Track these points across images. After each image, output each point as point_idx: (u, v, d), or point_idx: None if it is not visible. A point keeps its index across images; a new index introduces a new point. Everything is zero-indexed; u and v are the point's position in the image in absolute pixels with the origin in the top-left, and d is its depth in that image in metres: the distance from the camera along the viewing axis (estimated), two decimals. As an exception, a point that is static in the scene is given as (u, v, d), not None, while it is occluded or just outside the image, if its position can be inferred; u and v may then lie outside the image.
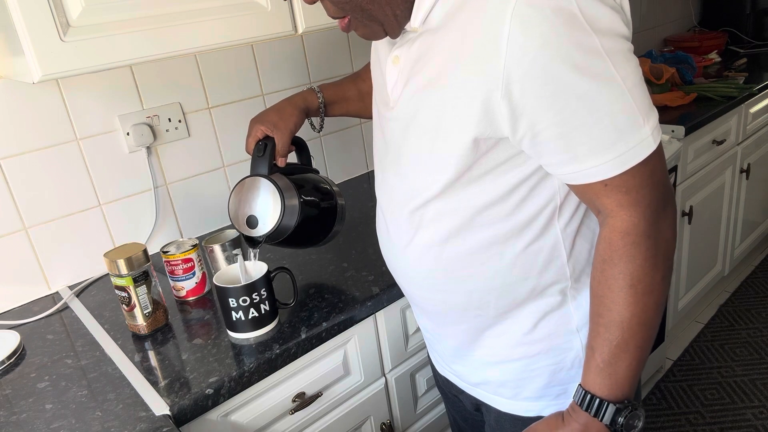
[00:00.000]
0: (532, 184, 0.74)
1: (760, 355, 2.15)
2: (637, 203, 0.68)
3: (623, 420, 0.72)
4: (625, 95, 0.63)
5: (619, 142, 0.64)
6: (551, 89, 0.62)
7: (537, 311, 0.82)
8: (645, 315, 0.71)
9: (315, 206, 1.09)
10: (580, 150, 0.65)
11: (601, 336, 0.72)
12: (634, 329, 0.71)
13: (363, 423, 1.19)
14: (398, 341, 1.20)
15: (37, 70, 0.91)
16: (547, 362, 0.84)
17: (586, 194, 0.71)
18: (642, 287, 0.70)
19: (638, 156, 0.65)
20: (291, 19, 1.18)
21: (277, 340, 1.01)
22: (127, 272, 1.03)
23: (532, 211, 0.75)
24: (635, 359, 0.72)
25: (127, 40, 0.99)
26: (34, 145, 1.24)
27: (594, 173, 0.67)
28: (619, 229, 0.69)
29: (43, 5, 0.90)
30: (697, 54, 2.73)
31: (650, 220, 0.69)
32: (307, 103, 1.09)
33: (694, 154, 2.04)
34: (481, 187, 0.74)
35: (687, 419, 1.91)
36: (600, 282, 0.72)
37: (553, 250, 0.78)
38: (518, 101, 0.64)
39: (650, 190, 0.68)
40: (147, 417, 0.87)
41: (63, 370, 1.01)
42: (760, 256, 2.79)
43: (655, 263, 0.69)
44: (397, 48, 0.77)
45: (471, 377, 0.93)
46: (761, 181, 2.57)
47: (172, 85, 1.40)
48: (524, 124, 0.66)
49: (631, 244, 0.69)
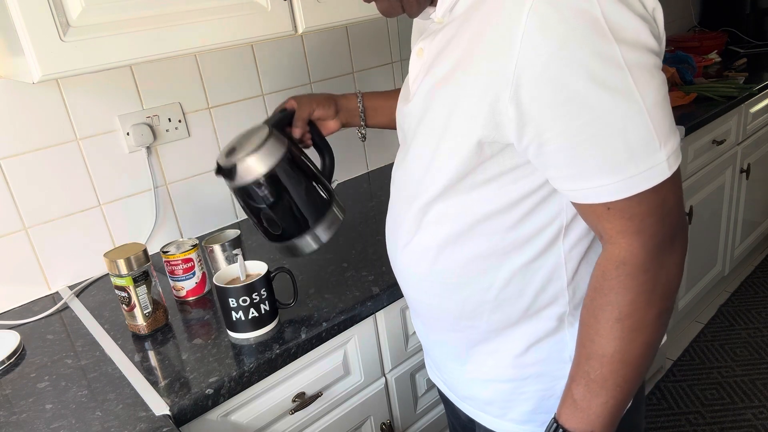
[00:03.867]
0: (539, 199, 0.70)
1: (760, 355, 2.15)
2: (639, 232, 0.63)
3: None
4: (642, 113, 0.58)
5: (630, 164, 0.59)
6: (563, 97, 0.58)
7: (530, 334, 0.78)
8: (630, 353, 0.65)
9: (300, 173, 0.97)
10: (586, 167, 0.61)
11: (581, 367, 0.69)
12: (615, 366, 0.66)
13: (363, 423, 1.19)
14: (398, 341, 1.20)
15: (37, 70, 0.91)
16: (537, 387, 0.82)
17: (588, 215, 0.66)
18: (630, 323, 0.64)
19: (648, 182, 0.60)
20: (291, 19, 1.18)
21: (277, 340, 1.01)
22: (127, 272, 1.03)
23: (535, 227, 0.72)
24: (613, 398, 0.67)
25: (127, 40, 0.99)
26: (34, 145, 1.24)
27: (598, 194, 0.62)
28: (615, 257, 0.64)
29: (43, 5, 0.90)
30: (697, 54, 2.73)
31: (652, 253, 0.63)
32: (346, 103, 1.08)
33: (694, 154, 2.04)
34: (485, 194, 0.70)
35: (687, 419, 1.91)
36: (588, 310, 0.68)
37: (553, 271, 0.74)
38: (526, 106, 0.60)
39: (657, 220, 0.62)
40: (147, 417, 0.87)
41: (63, 370, 1.01)
42: (760, 256, 2.79)
43: (649, 300, 0.64)
44: (422, 40, 0.74)
45: (460, 390, 0.91)
46: (761, 181, 2.57)
47: (172, 85, 1.40)
48: (531, 131, 0.61)
49: (626, 275, 0.64)
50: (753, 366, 2.11)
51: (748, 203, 2.50)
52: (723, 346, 2.23)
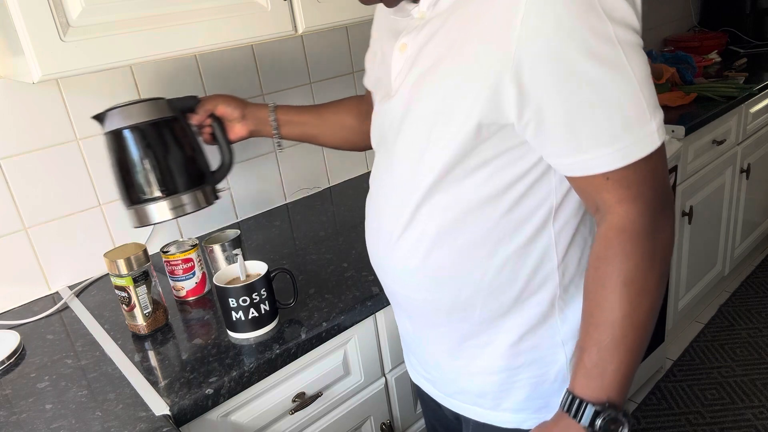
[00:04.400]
0: (529, 182, 0.72)
1: (760, 355, 2.15)
2: (636, 200, 0.66)
3: (602, 423, 0.69)
4: (635, 87, 0.62)
5: (626, 134, 0.63)
6: (562, 73, 0.61)
7: (523, 322, 0.80)
8: (638, 316, 0.68)
9: (171, 144, 1.03)
10: (584, 139, 0.64)
11: (591, 336, 0.70)
12: (625, 330, 0.68)
13: (363, 423, 1.19)
14: (398, 341, 1.20)
15: (37, 70, 0.91)
16: (530, 374, 0.82)
17: (586, 189, 0.69)
18: (636, 287, 0.67)
19: (643, 150, 0.64)
20: (291, 19, 1.18)
21: (277, 340, 1.01)
22: (127, 272, 1.03)
23: (526, 211, 0.74)
24: (625, 362, 0.69)
25: (127, 40, 0.99)
26: (34, 145, 1.24)
27: (597, 164, 0.65)
28: (616, 225, 0.67)
29: (43, 5, 0.90)
30: (697, 54, 2.73)
31: (649, 218, 0.67)
32: (257, 111, 1.10)
33: (694, 154, 2.04)
34: (477, 181, 0.72)
35: (687, 419, 1.92)
36: (594, 280, 0.70)
37: (544, 253, 0.76)
38: (528, 85, 0.62)
39: (651, 187, 0.66)
40: (147, 417, 0.87)
41: (63, 370, 1.01)
42: (760, 256, 2.79)
43: (652, 263, 0.67)
44: (404, 36, 0.76)
45: (447, 387, 0.91)
46: (761, 181, 2.57)
47: (172, 85, 1.40)
48: (531, 108, 0.64)
49: (628, 241, 0.67)
50: (753, 366, 2.11)
51: (748, 203, 2.50)
52: (723, 346, 2.23)
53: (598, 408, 0.70)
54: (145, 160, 1.00)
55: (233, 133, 1.11)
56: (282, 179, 1.65)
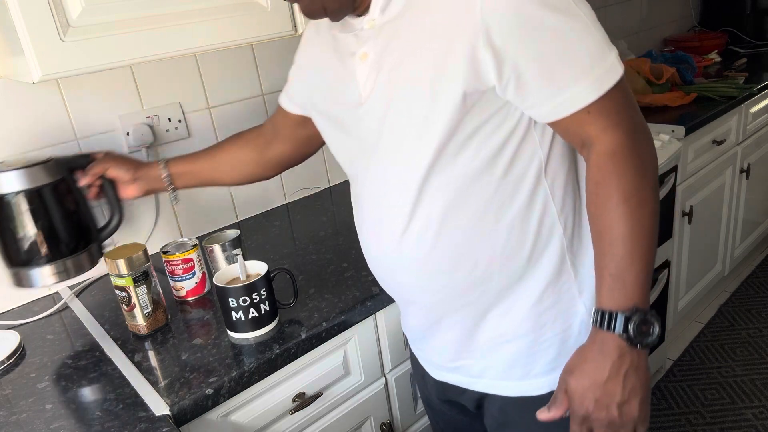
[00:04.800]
0: (517, 141, 0.77)
1: (760, 355, 2.15)
2: (618, 125, 0.73)
3: (634, 327, 0.73)
4: (589, 27, 0.71)
5: (594, 66, 0.70)
6: (527, 27, 0.68)
7: (540, 280, 0.83)
8: (643, 225, 0.74)
9: (55, 209, 1.04)
10: (561, 80, 0.70)
11: (606, 254, 0.75)
12: (635, 240, 0.73)
13: (363, 423, 1.19)
14: (398, 341, 1.20)
15: (37, 70, 0.91)
16: (556, 331, 0.85)
17: (571, 128, 0.75)
18: (636, 200, 0.73)
19: (612, 79, 0.71)
20: (291, 19, 1.18)
21: (277, 340, 1.01)
22: (127, 272, 1.03)
23: (519, 171, 0.78)
24: (641, 269, 0.74)
25: (127, 40, 0.99)
26: (34, 145, 1.24)
27: (577, 101, 0.71)
28: (605, 151, 0.73)
29: (43, 5, 0.90)
30: (697, 54, 2.73)
31: (632, 138, 0.74)
32: (148, 172, 1.11)
33: (694, 154, 2.04)
34: (469, 155, 0.76)
35: (687, 419, 1.92)
36: (596, 204, 0.75)
37: (544, 207, 0.81)
38: (500, 46, 0.69)
39: (627, 112, 0.74)
40: (147, 417, 0.87)
41: (63, 370, 1.01)
42: (760, 256, 2.79)
43: (643, 176, 0.74)
44: (362, 46, 0.80)
45: (474, 368, 0.91)
46: (761, 181, 2.57)
47: (172, 85, 1.40)
48: (508, 67, 0.70)
49: (620, 162, 0.73)
50: (753, 366, 2.11)
51: (748, 203, 2.50)
52: (723, 346, 2.23)
53: (628, 314, 0.74)
54: (28, 226, 1.01)
55: (126, 193, 1.12)
56: (282, 179, 1.65)
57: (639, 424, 0.76)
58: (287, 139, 1.11)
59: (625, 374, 0.74)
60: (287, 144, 1.12)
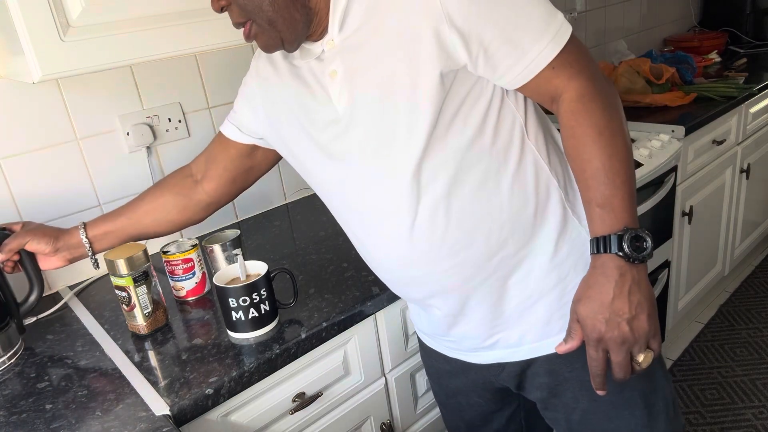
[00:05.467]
0: (496, 110, 0.82)
1: (760, 355, 2.15)
2: (581, 72, 0.80)
3: (628, 243, 0.77)
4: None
5: (549, 26, 0.77)
6: (482, 4, 0.75)
7: (551, 232, 0.87)
8: (619, 153, 0.79)
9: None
10: (523, 44, 0.77)
11: (591, 187, 0.80)
12: (615, 167, 0.78)
13: (363, 423, 1.19)
14: (398, 341, 1.20)
15: (37, 70, 0.91)
16: (579, 276, 0.87)
17: (541, 85, 0.80)
18: (609, 131, 0.79)
19: (566, 33, 0.78)
20: (291, 19, 1.18)
21: (277, 340, 1.01)
22: (127, 272, 1.03)
23: (506, 135, 0.83)
24: (625, 192, 0.79)
25: (127, 40, 0.99)
26: (34, 145, 1.24)
27: (541, 59, 0.78)
28: (574, 97, 0.80)
29: (43, 5, 0.90)
30: (697, 54, 2.73)
31: (595, 80, 0.80)
32: (68, 239, 1.08)
33: (694, 154, 2.04)
34: (458, 128, 0.81)
35: (687, 419, 1.91)
36: (574, 145, 0.81)
37: (536, 165, 0.86)
38: (463, 25, 0.75)
39: (584, 59, 0.81)
40: (147, 417, 0.87)
41: (63, 370, 1.01)
42: (760, 256, 2.79)
43: (611, 112, 0.80)
44: (328, 65, 0.84)
45: (512, 337, 0.93)
46: (761, 181, 2.57)
47: (172, 85, 1.40)
48: (475, 43, 0.76)
49: (589, 101, 0.79)
50: (753, 366, 2.11)
51: (748, 203, 2.50)
52: (723, 346, 2.23)
53: (620, 233, 0.78)
54: None
55: (48, 265, 1.09)
56: (282, 179, 1.65)
57: (651, 338, 0.79)
58: (222, 173, 1.09)
59: (629, 290, 0.78)
60: (221, 180, 1.10)
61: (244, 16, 0.81)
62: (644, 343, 0.79)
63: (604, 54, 2.64)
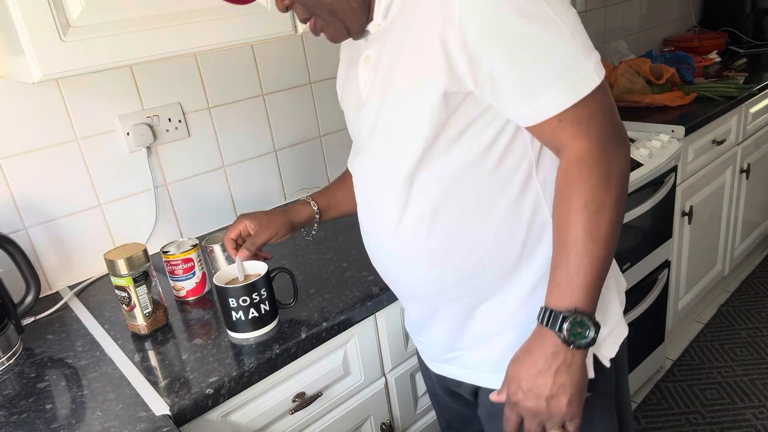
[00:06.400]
0: (506, 140, 0.79)
1: (760, 355, 2.15)
2: (588, 133, 0.73)
3: (568, 326, 0.75)
4: (565, 36, 0.70)
5: (566, 76, 0.71)
6: (501, 35, 0.69)
7: (533, 272, 0.85)
8: (598, 232, 0.74)
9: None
10: (533, 87, 0.71)
11: (559, 255, 0.77)
12: (588, 245, 0.74)
13: (363, 423, 1.19)
14: (398, 341, 1.20)
15: (37, 70, 0.91)
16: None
17: (545, 134, 0.76)
18: (595, 206, 0.74)
19: (585, 88, 0.71)
20: (291, 19, 1.18)
21: (277, 340, 1.01)
22: (127, 272, 1.03)
23: (510, 167, 0.80)
24: (590, 274, 0.75)
25: (127, 40, 0.99)
26: (34, 144, 1.24)
27: (548, 109, 0.72)
28: (573, 157, 0.75)
29: (43, 5, 0.90)
30: (697, 54, 2.73)
31: (601, 147, 0.74)
32: (300, 216, 1.10)
33: (694, 154, 2.04)
34: (461, 149, 0.78)
35: (687, 419, 1.92)
36: (558, 207, 0.77)
37: (535, 203, 0.82)
38: (473, 50, 0.70)
39: (599, 120, 0.74)
40: (147, 417, 0.87)
41: (63, 370, 1.01)
42: (760, 256, 2.79)
43: (607, 185, 0.74)
44: (365, 49, 0.84)
45: (468, 360, 0.93)
46: (761, 181, 2.57)
47: (172, 85, 1.40)
48: (483, 72, 0.72)
49: (585, 168, 0.74)
50: (753, 366, 2.11)
51: (748, 203, 2.50)
52: (723, 346, 2.23)
53: (566, 314, 0.76)
54: None
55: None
56: (282, 179, 1.65)
57: (568, 420, 0.78)
58: None
59: (557, 370, 0.77)
60: None
61: (308, 12, 0.82)
62: (559, 422, 0.78)
63: (604, 54, 2.64)
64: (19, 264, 1.09)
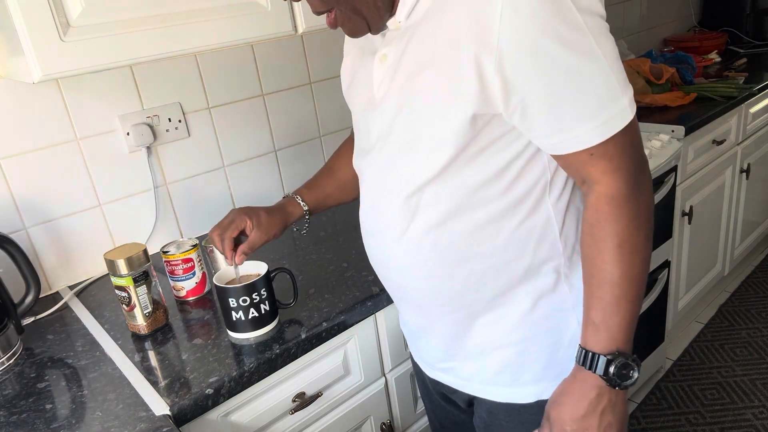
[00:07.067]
0: (524, 161, 0.77)
1: (760, 355, 2.15)
2: (618, 169, 0.73)
3: (614, 369, 0.76)
4: (605, 69, 0.68)
5: (602, 111, 0.69)
6: (540, 63, 0.67)
7: (534, 292, 0.84)
8: (633, 272, 0.75)
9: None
10: (566, 120, 0.70)
11: (594, 295, 0.77)
12: (623, 286, 0.75)
13: (363, 423, 1.19)
14: (398, 341, 1.20)
15: (37, 70, 0.91)
16: (546, 343, 0.86)
17: (573, 165, 0.75)
18: (628, 246, 0.74)
19: (619, 125, 0.70)
20: (291, 19, 1.18)
21: (277, 340, 1.01)
22: (127, 272, 1.03)
23: (524, 187, 0.79)
24: (627, 313, 0.76)
25: (127, 40, 0.99)
26: (34, 145, 1.24)
27: (580, 142, 0.71)
28: (605, 194, 0.74)
29: (43, 5, 0.90)
30: (697, 54, 2.73)
31: (631, 185, 0.74)
32: (293, 216, 1.09)
33: (694, 154, 2.04)
34: (476, 166, 0.76)
35: (687, 419, 1.92)
36: (590, 245, 0.76)
37: (545, 225, 0.81)
38: (510, 75, 0.68)
39: (630, 157, 0.73)
40: (147, 417, 0.87)
41: (63, 370, 1.01)
42: (760, 256, 2.79)
43: (638, 223, 0.74)
44: (383, 47, 0.81)
45: (464, 371, 0.92)
46: (761, 181, 2.57)
47: (172, 85, 1.40)
48: (516, 98, 0.69)
49: (617, 207, 0.74)
50: (753, 366, 2.11)
51: (748, 203, 2.50)
52: (723, 346, 2.23)
53: (610, 357, 0.76)
54: None
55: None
56: (282, 179, 1.65)
57: None
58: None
59: (602, 411, 0.78)
60: None
61: (326, 5, 0.78)
62: None
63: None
64: (19, 264, 1.09)
